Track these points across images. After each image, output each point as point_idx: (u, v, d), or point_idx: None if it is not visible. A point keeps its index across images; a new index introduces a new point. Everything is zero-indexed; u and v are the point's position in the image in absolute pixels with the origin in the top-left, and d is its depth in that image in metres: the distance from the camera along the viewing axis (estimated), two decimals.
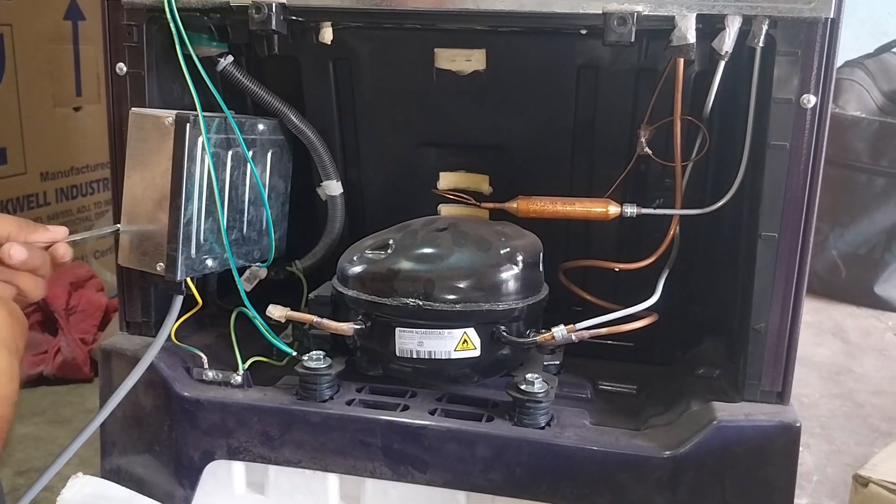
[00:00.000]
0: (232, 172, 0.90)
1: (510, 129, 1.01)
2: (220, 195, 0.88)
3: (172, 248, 0.84)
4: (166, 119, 0.83)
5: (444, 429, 0.82)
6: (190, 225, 0.85)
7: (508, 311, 0.86)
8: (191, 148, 0.83)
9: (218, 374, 0.89)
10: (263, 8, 0.81)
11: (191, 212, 0.84)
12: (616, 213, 0.91)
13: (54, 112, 1.64)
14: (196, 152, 0.84)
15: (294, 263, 1.03)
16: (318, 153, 1.00)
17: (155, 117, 0.84)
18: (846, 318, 1.87)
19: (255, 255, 0.96)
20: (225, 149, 0.88)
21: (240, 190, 0.92)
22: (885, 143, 1.91)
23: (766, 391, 0.81)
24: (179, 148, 0.83)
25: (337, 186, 1.02)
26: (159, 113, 0.85)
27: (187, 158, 0.83)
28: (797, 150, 0.76)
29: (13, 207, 1.57)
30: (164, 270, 0.84)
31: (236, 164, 0.91)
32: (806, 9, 0.73)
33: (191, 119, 0.83)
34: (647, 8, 0.76)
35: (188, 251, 0.85)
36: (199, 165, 0.85)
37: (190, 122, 0.83)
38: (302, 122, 0.99)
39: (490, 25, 0.92)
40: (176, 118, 0.83)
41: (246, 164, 0.92)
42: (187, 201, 0.84)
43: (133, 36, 0.87)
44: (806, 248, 0.78)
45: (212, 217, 0.87)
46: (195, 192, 0.85)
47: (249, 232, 0.94)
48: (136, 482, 0.90)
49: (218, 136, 0.87)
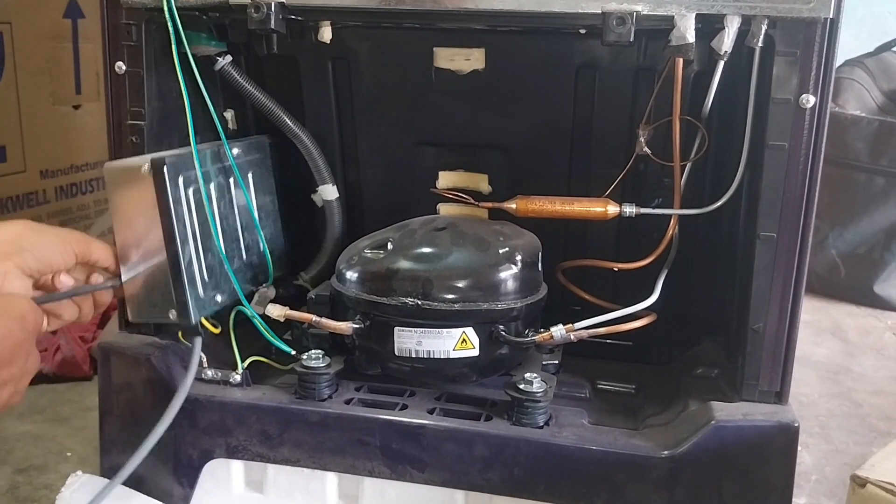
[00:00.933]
0: (219, 203, 0.88)
1: (509, 128, 1.01)
2: (215, 227, 0.86)
3: (180, 294, 0.82)
4: (142, 167, 0.80)
5: (443, 428, 0.82)
6: (191, 266, 0.83)
7: (507, 310, 0.86)
8: (174, 191, 0.81)
9: (217, 373, 0.89)
10: (262, 7, 0.81)
11: (189, 254, 0.83)
12: (615, 212, 0.91)
13: (54, 110, 1.64)
14: (180, 193, 0.82)
15: (300, 276, 1.02)
16: (312, 157, 1.00)
17: (130, 168, 0.82)
18: (845, 318, 1.87)
19: (260, 279, 0.95)
20: (208, 181, 0.86)
21: (230, 218, 0.91)
22: (884, 143, 1.90)
23: (764, 391, 0.81)
24: (162, 193, 0.80)
25: (333, 191, 1.01)
26: (133, 162, 0.82)
27: (172, 202, 0.80)
28: (796, 151, 0.76)
29: (13, 205, 1.57)
30: (176, 317, 0.83)
31: (221, 193, 0.89)
32: (805, 9, 0.73)
33: (167, 161, 0.80)
34: (646, 8, 0.75)
35: (196, 293, 0.84)
36: (185, 205, 0.82)
37: (167, 165, 0.80)
38: (297, 126, 0.98)
39: (489, 25, 0.92)
40: (152, 164, 0.80)
41: (230, 192, 0.91)
42: (183, 244, 0.82)
43: (132, 35, 0.87)
44: (805, 248, 0.78)
45: (210, 252, 0.86)
46: (188, 233, 0.83)
47: (249, 257, 0.94)
48: (135, 480, 0.90)
49: (201, 172, 0.84)
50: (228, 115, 1.03)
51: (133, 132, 0.89)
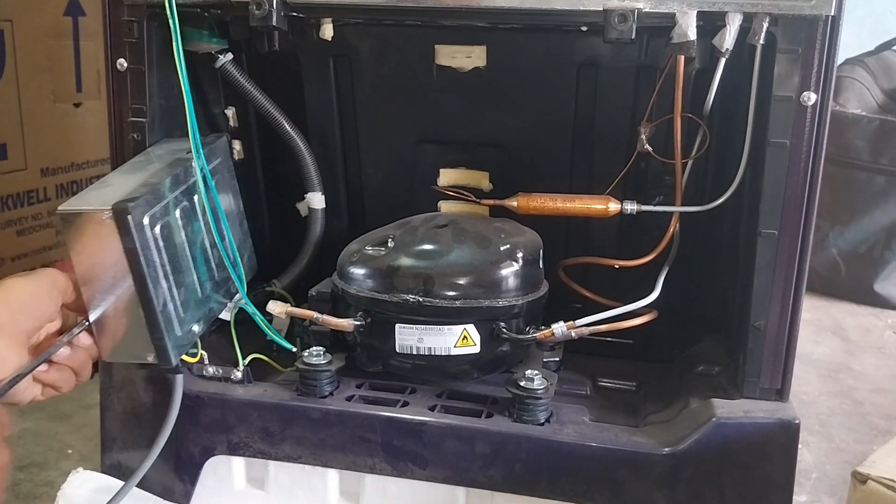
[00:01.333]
0: (185, 229, 0.82)
1: (510, 125, 1.01)
2: (188, 260, 0.82)
3: (158, 339, 0.77)
4: (103, 214, 0.73)
5: (444, 425, 0.82)
6: (167, 308, 0.77)
7: (508, 307, 0.86)
8: (140, 236, 0.74)
9: (218, 370, 0.89)
10: (264, 4, 0.81)
11: (163, 296, 0.77)
12: (616, 210, 0.91)
13: (54, 108, 1.64)
14: (146, 237, 0.75)
15: (273, 283, 1.02)
16: (304, 163, 0.99)
17: (89, 214, 0.73)
18: (846, 316, 1.87)
19: (233, 290, 0.90)
20: (174, 208, 0.80)
21: (199, 240, 0.85)
22: (885, 141, 1.91)
23: (765, 388, 0.81)
24: (128, 241, 0.73)
25: (320, 199, 1.01)
26: (92, 208, 0.74)
27: (140, 248, 0.74)
28: (797, 148, 0.76)
29: (13, 203, 1.57)
30: (155, 360, 0.78)
31: (187, 218, 0.82)
32: (807, 6, 0.73)
33: (129, 207, 0.73)
34: (647, 5, 0.75)
35: (173, 333, 0.78)
36: (154, 246, 0.76)
37: (130, 211, 0.72)
38: (293, 129, 0.98)
39: (491, 22, 0.92)
40: (114, 211, 0.72)
41: (196, 212, 0.84)
42: (156, 288, 0.76)
43: (134, 32, 0.87)
44: (806, 245, 0.78)
45: (183, 287, 0.81)
46: (160, 275, 0.77)
47: (221, 274, 0.88)
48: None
49: (165, 204, 0.78)
50: (230, 113, 1.03)
51: (135, 129, 0.89)
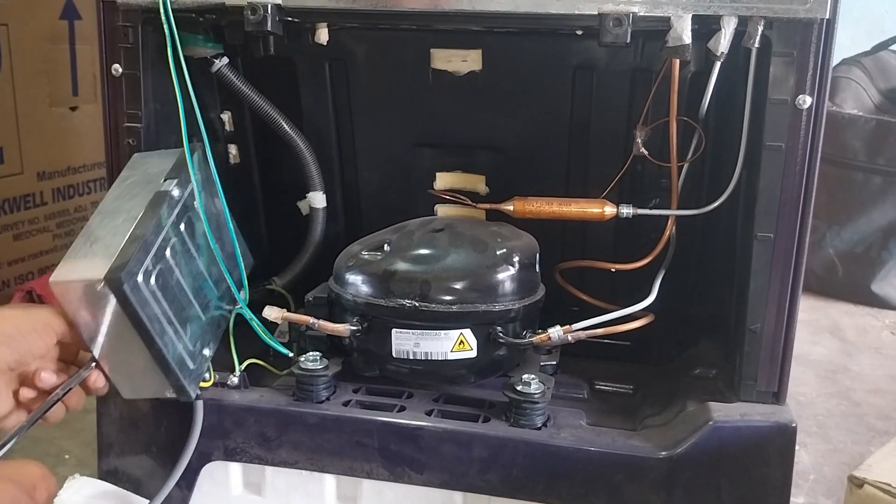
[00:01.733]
0: (179, 265, 0.80)
1: (506, 129, 1.01)
2: (188, 293, 0.81)
3: (174, 380, 0.78)
4: (97, 285, 0.72)
5: (441, 430, 0.82)
6: (176, 350, 0.78)
7: (505, 311, 0.86)
8: (138, 297, 0.73)
9: (215, 375, 0.89)
10: (259, 9, 0.81)
11: (170, 342, 0.77)
12: (612, 213, 0.91)
13: (51, 112, 1.64)
14: (144, 294, 0.74)
15: (273, 281, 1.02)
16: (306, 163, 0.99)
17: (83, 284, 0.73)
18: (843, 317, 1.87)
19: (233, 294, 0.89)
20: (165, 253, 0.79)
21: (194, 269, 0.83)
22: (881, 142, 1.91)
23: (761, 391, 0.81)
24: (128, 306, 0.73)
25: (322, 199, 1.01)
26: (85, 278, 0.73)
27: (140, 307, 0.73)
28: (793, 151, 0.76)
29: (10, 207, 1.57)
30: (174, 395, 0.80)
31: (179, 254, 0.81)
32: (801, 9, 0.73)
33: (122, 276, 0.71)
34: (642, 9, 0.75)
35: (187, 369, 0.80)
36: (153, 300, 0.75)
37: (124, 280, 0.71)
38: (293, 130, 0.98)
39: (486, 26, 0.92)
40: (107, 282, 0.71)
41: (186, 238, 0.82)
42: (163, 337, 0.76)
43: (129, 37, 0.87)
44: (802, 248, 0.78)
45: (188, 322, 0.81)
46: (164, 323, 0.77)
47: (221, 286, 0.87)
48: (133, 483, 0.90)
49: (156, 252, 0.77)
50: (225, 117, 1.03)
51: (130, 135, 0.89)
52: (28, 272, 1.63)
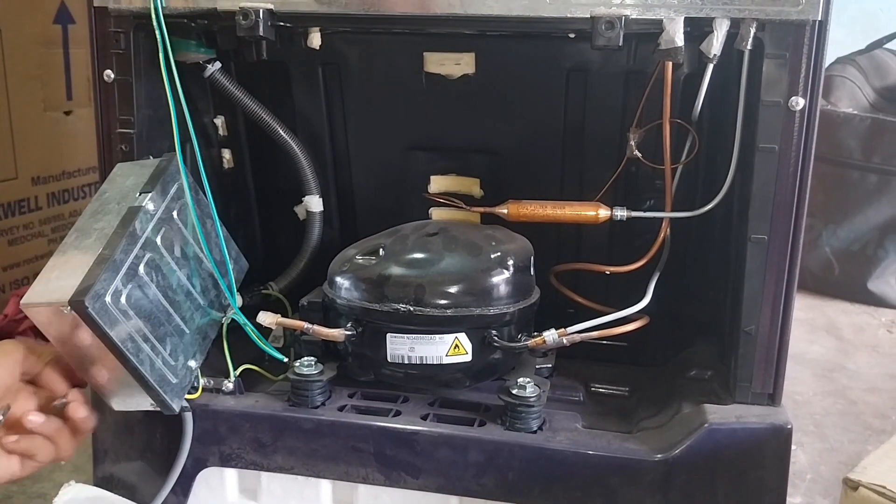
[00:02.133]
0: (156, 280, 0.80)
1: (500, 132, 1.01)
2: (166, 307, 0.81)
3: (156, 396, 0.79)
4: (63, 308, 0.72)
5: (437, 434, 0.82)
6: (155, 366, 0.78)
7: (500, 315, 0.86)
8: (106, 318, 0.73)
9: (209, 381, 0.88)
10: (251, 14, 0.81)
11: (147, 359, 0.77)
12: (606, 216, 0.91)
13: (45, 116, 1.63)
14: (112, 314, 0.74)
15: (269, 286, 1.02)
16: (301, 167, 0.99)
17: (51, 308, 0.73)
18: (839, 315, 1.88)
19: (225, 301, 0.89)
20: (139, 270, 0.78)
21: (175, 281, 0.82)
22: (877, 140, 1.91)
23: (757, 393, 0.81)
24: (96, 328, 0.73)
25: (319, 202, 1.01)
26: (51, 301, 0.73)
27: (110, 328, 0.73)
28: (786, 153, 0.76)
29: (4, 212, 1.57)
30: (159, 408, 0.80)
31: (155, 269, 0.80)
32: (794, 11, 0.73)
33: (86, 300, 0.71)
34: (634, 12, 0.75)
35: (168, 384, 0.80)
36: (123, 319, 0.75)
37: (88, 304, 0.71)
38: (287, 134, 0.98)
39: (479, 29, 0.92)
40: (72, 305, 0.71)
41: (164, 259, 0.81)
42: (138, 355, 0.76)
43: (120, 43, 0.86)
44: (796, 250, 0.78)
45: (168, 336, 0.80)
46: (140, 341, 0.77)
47: (210, 294, 0.87)
48: (129, 489, 0.90)
49: (126, 271, 0.76)
50: (219, 122, 1.03)
51: (123, 140, 0.89)
52: (23, 277, 1.63)
